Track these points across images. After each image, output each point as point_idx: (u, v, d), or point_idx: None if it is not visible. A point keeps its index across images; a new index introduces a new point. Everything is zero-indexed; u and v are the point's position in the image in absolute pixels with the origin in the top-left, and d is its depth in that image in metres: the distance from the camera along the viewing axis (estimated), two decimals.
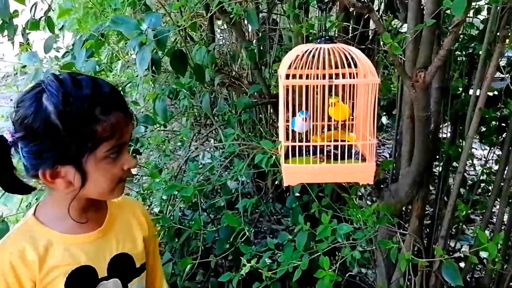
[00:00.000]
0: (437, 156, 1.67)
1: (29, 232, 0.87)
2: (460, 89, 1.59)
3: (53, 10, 2.40)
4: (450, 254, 1.87)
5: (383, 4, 1.88)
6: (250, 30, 2.40)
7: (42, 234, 0.87)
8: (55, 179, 0.83)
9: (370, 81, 1.08)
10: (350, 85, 1.17)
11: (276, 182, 2.21)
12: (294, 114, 1.15)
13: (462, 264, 1.86)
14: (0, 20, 1.96)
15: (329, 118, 1.20)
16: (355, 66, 1.10)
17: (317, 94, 1.14)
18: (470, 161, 2.19)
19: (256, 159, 1.11)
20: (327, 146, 1.09)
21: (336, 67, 1.12)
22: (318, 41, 1.13)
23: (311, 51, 1.09)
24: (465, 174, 2.47)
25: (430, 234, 1.78)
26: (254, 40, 2.34)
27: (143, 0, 1.65)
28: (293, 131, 1.15)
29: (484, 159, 2.00)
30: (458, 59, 1.61)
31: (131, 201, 1.07)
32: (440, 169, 1.70)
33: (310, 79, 1.09)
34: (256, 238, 2.57)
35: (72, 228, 0.89)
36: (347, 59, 1.08)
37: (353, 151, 1.12)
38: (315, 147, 1.09)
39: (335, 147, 1.09)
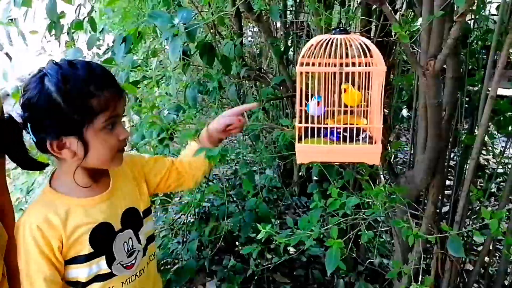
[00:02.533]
0: (454, 146, 1.72)
1: (49, 201, 1.02)
2: (477, 81, 1.64)
3: (95, 11, 2.60)
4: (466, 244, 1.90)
5: (405, 2, 1.94)
6: (278, 26, 2.51)
7: (60, 201, 1.02)
8: (61, 150, 0.97)
9: (377, 69, 1.15)
10: (365, 73, 1.24)
11: (300, 173, 2.30)
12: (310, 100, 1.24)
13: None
14: (49, 21, 2.15)
15: (344, 104, 1.28)
16: (371, 55, 1.17)
17: (332, 81, 1.23)
18: (491, 155, 2.20)
19: (274, 135, 1.21)
20: (337, 128, 1.17)
21: (352, 56, 1.20)
22: (333, 32, 1.22)
23: (325, 41, 1.17)
24: (487, 168, 2.48)
25: (448, 223, 1.83)
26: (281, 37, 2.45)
27: (176, 0, 1.79)
28: (308, 115, 1.24)
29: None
30: (475, 52, 1.66)
31: (125, 158, 1.13)
32: (459, 159, 1.75)
33: (324, 66, 1.17)
34: (282, 229, 2.67)
35: (85, 193, 1.04)
36: (362, 48, 1.16)
37: (362, 134, 1.20)
38: (326, 129, 1.17)
39: (345, 130, 1.16)
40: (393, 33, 1.87)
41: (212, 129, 1.25)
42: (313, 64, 1.21)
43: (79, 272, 1.03)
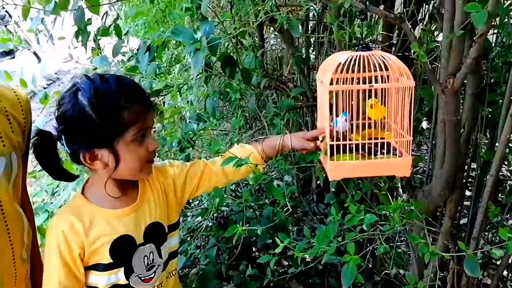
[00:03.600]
0: (473, 160, 1.71)
1: (77, 208, 1.06)
2: (498, 96, 1.63)
3: (120, 19, 2.66)
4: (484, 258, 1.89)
5: (427, 14, 1.94)
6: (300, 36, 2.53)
7: (87, 209, 1.06)
8: (94, 161, 1.01)
9: (405, 84, 1.15)
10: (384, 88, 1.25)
11: (318, 182, 2.31)
12: (335, 115, 1.26)
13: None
14: (76, 28, 2.21)
15: (365, 117, 1.29)
16: (386, 70, 1.18)
17: (355, 96, 1.24)
18: None
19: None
20: (367, 143, 1.18)
21: (374, 71, 1.21)
22: (356, 48, 1.22)
23: (349, 58, 1.18)
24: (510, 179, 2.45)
25: (466, 236, 1.82)
26: (304, 46, 2.47)
27: (199, 11, 1.82)
28: (334, 130, 1.25)
29: None
30: (498, 67, 1.65)
31: (155, 169, 1.16)
32: (477, 173, 1.74)
33: (348, 83, 1.18)
34: (299, 236, 2.69)
35: (112, 204, 1.08)
36: (382, 64, 1.17)
37: (387, 147, 1.21)
38: (356, 144, 1.18)
39: (375, 144, 1.17)
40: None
41: (287, 144, 1.24)
42: (331, 79, 1.23)
43: (98, 280, 1.07)
